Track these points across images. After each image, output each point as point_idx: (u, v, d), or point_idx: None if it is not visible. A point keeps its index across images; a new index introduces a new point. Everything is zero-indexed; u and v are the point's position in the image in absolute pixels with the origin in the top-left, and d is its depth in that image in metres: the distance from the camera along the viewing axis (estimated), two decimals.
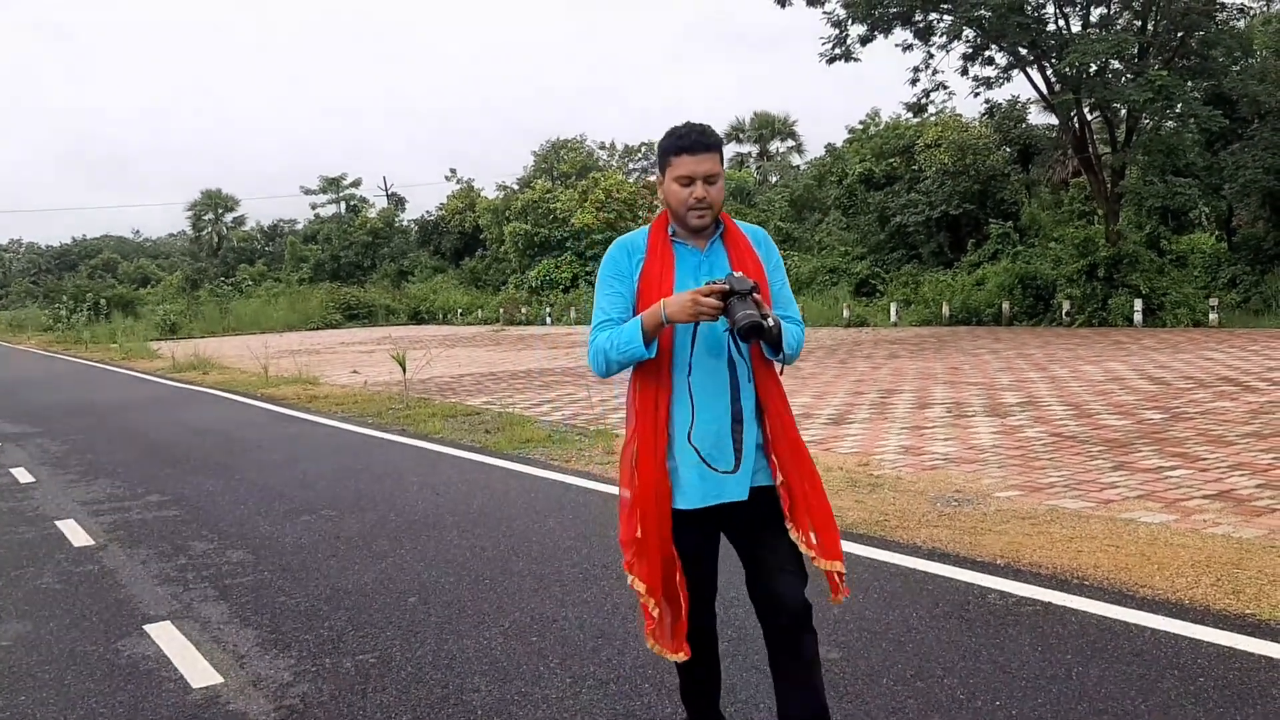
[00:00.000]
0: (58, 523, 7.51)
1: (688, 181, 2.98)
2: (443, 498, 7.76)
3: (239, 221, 71.39)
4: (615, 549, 5.97)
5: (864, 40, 23.51)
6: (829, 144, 38.92)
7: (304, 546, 6.46)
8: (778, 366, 3.11)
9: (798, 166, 52.26)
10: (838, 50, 23.75)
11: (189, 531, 7.06)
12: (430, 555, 6.08)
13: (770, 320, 2.85)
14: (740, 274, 2.86)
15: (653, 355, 2.94)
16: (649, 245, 3.08)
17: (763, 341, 2.97)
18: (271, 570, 5.95)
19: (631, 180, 52.63)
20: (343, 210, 64.64)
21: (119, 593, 5.69)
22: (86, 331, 38.10)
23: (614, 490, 7.66)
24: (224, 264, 65.48)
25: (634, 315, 3.02)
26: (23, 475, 9.67)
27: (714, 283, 2.84)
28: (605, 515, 6.92)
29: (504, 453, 9.59)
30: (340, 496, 7.95)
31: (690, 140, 2.97)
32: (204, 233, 70.74)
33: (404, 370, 14.73)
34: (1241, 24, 23.32)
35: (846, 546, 4.84)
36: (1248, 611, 4.42)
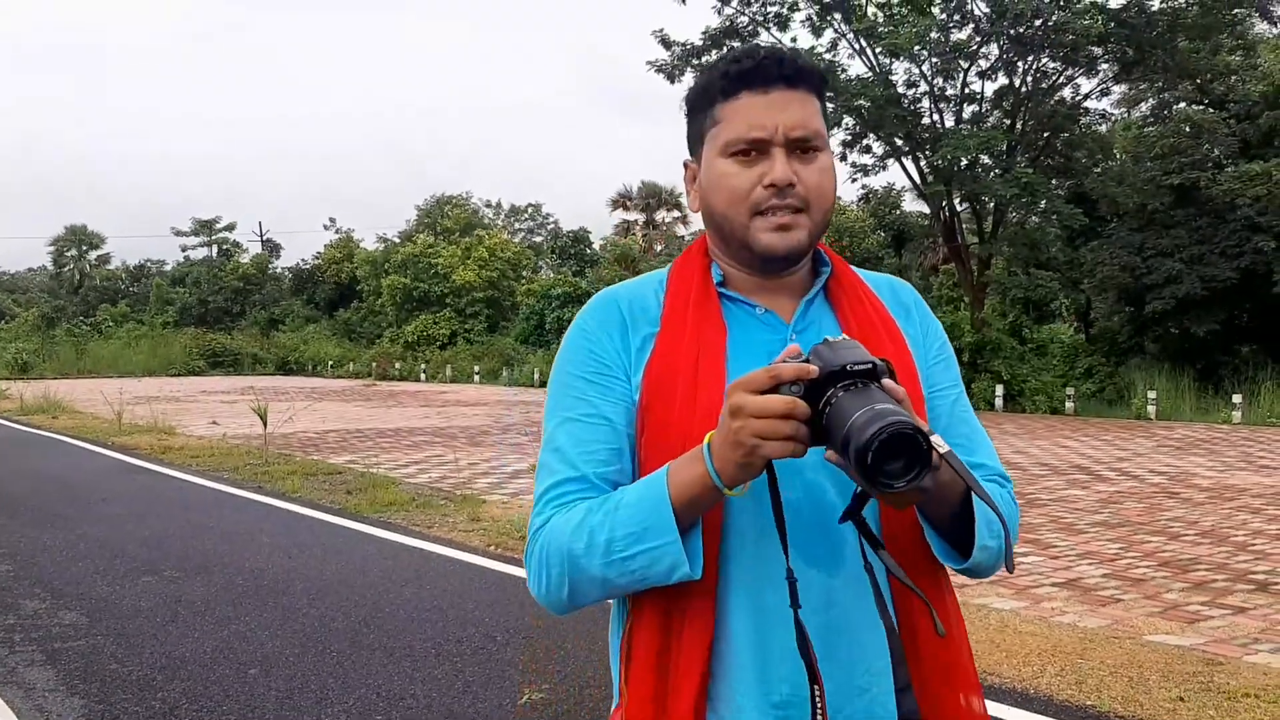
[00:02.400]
0: None
1: (755, 149, 1.35)
2: (295, 562, 7.48)
3: (104, 259, 68.86)
4: (472, 623, 5.83)
5: None
6: None
7: (142, 610, 6.13)
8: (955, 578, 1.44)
9: (682, 237, 53.10)
10: None
11: (20, 589, 6.65)
12: (276, 624, 5.83)
13: (939, 447, 1.16)
14: (845, 337, 1.25)
15: (698, 576, 1.27)
16: (670, 302, 1.43)
17: (928, 521, 1.34)
18: (105, 635, 5.62)
19: (517, 240, 52.73)
20: (214, 254, 63.02)
21: None
22: None
23: (475, 560, 7.52)
24: (84, 303, 62.97)
25: (635, 468, 1.37)
26: None
27: (792, 359, 1.22)
28: (463, 586, 6.76)
29: (364, 516, 9.32)
30: (186, 556, 7.60)
31: (756, 64, 1.36)
32: (65, 269, 67.99)
33: (265, 423, 14.28)
34: (1103, 128, 24.73)
35: None
36: (1089, 703, 4.51)
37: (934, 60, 22.17)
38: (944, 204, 23.84)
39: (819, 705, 1.23)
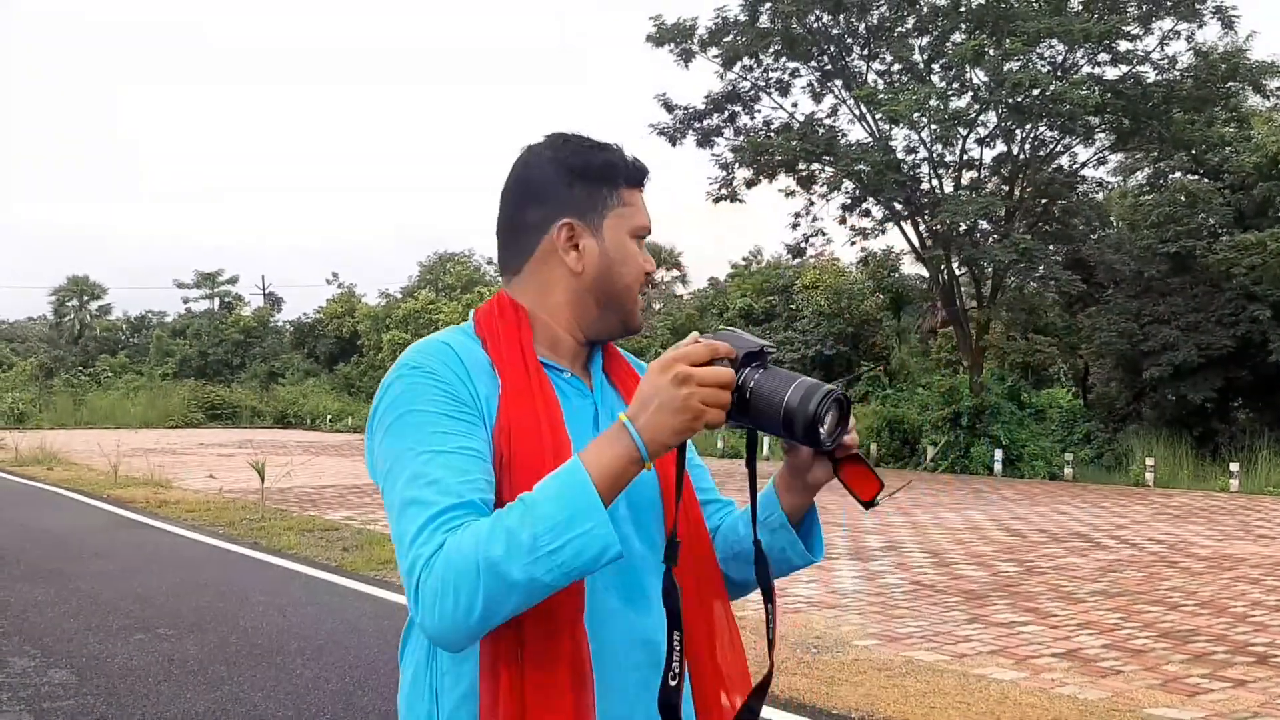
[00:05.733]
0: None
1: (643, 238, 1.57)
2: (290, 620, 7.42)
3: (104, 310, 68.98)
4: None
5: (749, 183, 24.39)
6: (712, 277, 40.06)
7: (134, 669, 6.07)
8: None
9: (681, 296, 53.29)
10: (724, 190, 24.56)
11: (9, 646, 6.59)
12: (270, 684, 5.77)
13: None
14: (728, 328, 1.44)
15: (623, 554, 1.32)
16: (507, 360, 1.46)
17: (788, 517, 1.64)
18: (95, 694, 5.56)
19: None
20: (216, 306, 63.18)
21: None
22: None
23: None
24: (83, 353, 62.94)
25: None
26: None
27: (703, 337, 1.36)
28: None
29: (360, 574, 9.26)
30: (179, 614, 7.54)
31: (644, 170, 1.58)
32: (66, 319, 68.07)
33: (262, 478, 14.24)
34: (1100, 196, 24.96)
35: None
36: None
37: (933, 127, 22.45)
38: (943, 268, 23.99)
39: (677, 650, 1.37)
